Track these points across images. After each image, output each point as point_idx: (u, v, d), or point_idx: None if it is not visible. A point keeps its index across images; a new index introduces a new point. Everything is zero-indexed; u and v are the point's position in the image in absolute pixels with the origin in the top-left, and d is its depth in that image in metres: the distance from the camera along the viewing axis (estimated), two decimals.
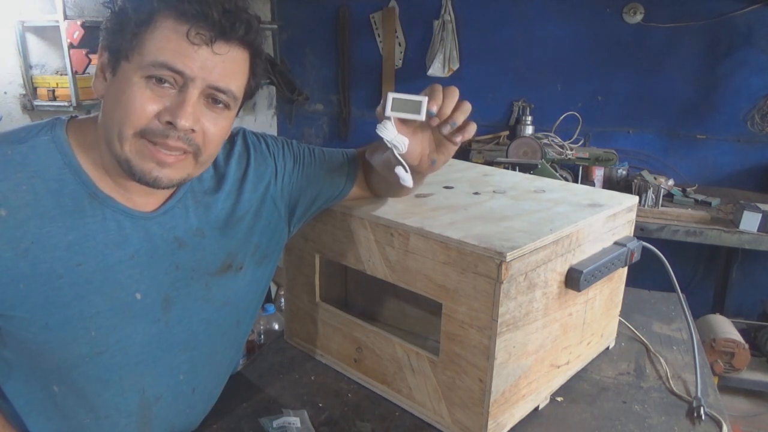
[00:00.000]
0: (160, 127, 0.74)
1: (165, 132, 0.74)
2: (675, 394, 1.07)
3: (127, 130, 0.73)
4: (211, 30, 0.72)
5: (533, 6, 3.26)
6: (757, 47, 2.91)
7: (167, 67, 0.72)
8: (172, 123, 0.73)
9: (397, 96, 0.78)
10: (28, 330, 0.76)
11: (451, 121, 0.79)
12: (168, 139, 0.74)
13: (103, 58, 0.77)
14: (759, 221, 2.37)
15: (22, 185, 0.74)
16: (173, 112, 0.73)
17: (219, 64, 0.74)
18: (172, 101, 0.74)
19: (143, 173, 0.75)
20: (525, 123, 3.30)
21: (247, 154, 0.95)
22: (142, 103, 0.73)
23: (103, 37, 0.76)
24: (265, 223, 0.95)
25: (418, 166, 0.85)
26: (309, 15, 3.76)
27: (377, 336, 1.04)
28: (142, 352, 0.84)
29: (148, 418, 0.88)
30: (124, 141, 0.74)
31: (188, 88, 0.73)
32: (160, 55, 0.72)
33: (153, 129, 0.74)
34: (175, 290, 0.85)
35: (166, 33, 0.72)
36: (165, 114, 0.73)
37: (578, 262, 0.98)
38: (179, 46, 0.72)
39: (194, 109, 0.74)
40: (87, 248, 0.77)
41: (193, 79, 0.73)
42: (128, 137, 0.74)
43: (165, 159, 0.75)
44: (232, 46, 0.75)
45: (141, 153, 0.75)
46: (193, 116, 0.74)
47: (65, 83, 2.41)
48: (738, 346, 2.40)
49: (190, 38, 0.72)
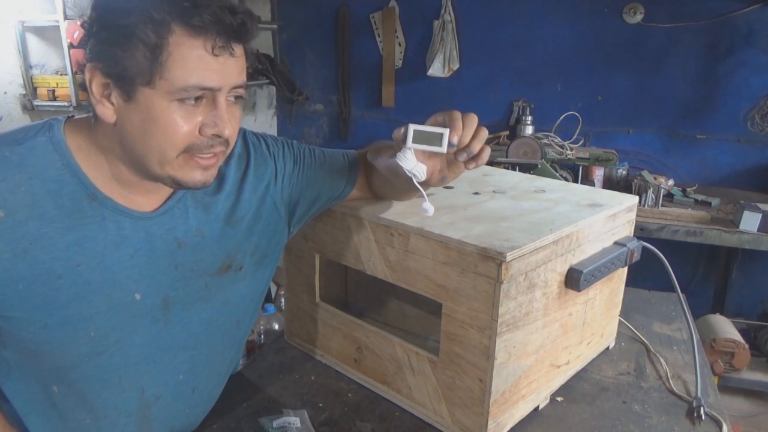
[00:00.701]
0: (205, 141, 0.75)
1: (210, 143, 0.76)
2: (675, 394, 1.07)
3: (171, 153, 0.74)
4: (227, 36, 0.72)
5: (533, 6, 3.25)
6: (757, 47, 2.91)
7: (200, 87, 0.72)
8: (219, 135, 0.75)
9: (418, 128, 0.78)
10: (27, 330, 0.76)
11: (468, 150, 0.79)
12: (213, 148, 0.77)
13: (98, 81, 0.72)
14: (759, 221, 2.36)
15: (20, 186, 0.74)
16: (216, 125, 0.75)
17: (235, 65, 0.75)
18: (205, 113, 0.74)
19: (192, 182, 0.78)
20: (525, 123, 3.30)
21: (247, 155, 0.95)
22: (181, 127, 0.73)
23: (93, 61, 0.72)
24: (265, 224, 0.95)
25: (429, 181, 0.85)
26: (309, 15, 3.76)
27: (377, 336, 1.04)
28: (142, 352, 0.84)
29: (147, 418, 0.88)
30: (167, 163, 0.75)
31: (218, 97, 0.74)
32: (190, 79, 0.71)
33: (198, 144, 0.75)
34: (175, 290, 0.85)
35: (188, 51, 0.70)
36: (207, 128, 0.75)
37: (578, 262, 0.98)
38: (206, 63, 0.71)
39: (228, 115, 0.76)
40: (86, 249, 0.77)
41: (221, 88, 0.74)
42: (171, 159, 0.75)
43: (208, 162, 0.78)
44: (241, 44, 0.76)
45: (186, 167, 0.76)
46: (230, 122, 0.76)
47: (65, 83, 2.41)
48: (738, 346, 2.40)
49: (215, 52, 0.71)
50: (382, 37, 3.59)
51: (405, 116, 3.65)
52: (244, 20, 0.73)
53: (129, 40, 0.69)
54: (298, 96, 3.64)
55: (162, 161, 0.75)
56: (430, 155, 0.82)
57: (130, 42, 0.69)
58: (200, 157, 0.76)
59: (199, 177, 0.78)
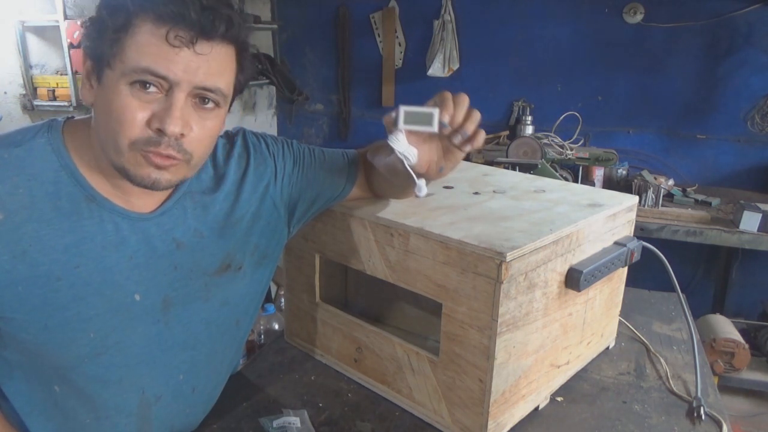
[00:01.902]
0: (152, 136, 0.73)
1: (157, 140, 0.73)
2: (675, 394, 1.07)
3: (122, 142, 0.73)
4: (190, 30, 0.70)
5: (533, 6, 3.25)
6: (757, 47, 2.91)
7: (150, 72, 0.70)
8: (162, 130, 0.72)
9: (409, 109, 0.77)
10: (27, 332, 0.76)
11: (462, 131, 0.79)
12: (160, 147, 0.73)
13: (87, 65, 0.76)
14: (759, 221, 2.36)
15: (18, 188, 0.74)
16: (162, 119, 0.72)
17: (203, 64, 0.73)
18: (159, 106, 0.72)
19: (142, 178, 0.75)
20: (525, 123, 3.30)
21: (246, 155, 0.95)
22: (132, 113, 0.72)
23: (84, 45, 0.75)
24: (265, 224, 0.95)
25: (426, 173, 0.85)
26: (309, 15, 3.76)
27: (377, 336, 1.04)
28: (142, 353, 0.84)
29: (148, 418, 0.89)
30: (120, 153, 0.74)
31: (174, 92, 0.72)
32: (141, 61, 0.70)
33: (145, 138, 0.73)
34: (174, 291, 0.85)
35: (146, 37, 0.70)
36: (154, 121, 0.72)
37: (578, 262, 0.98)
38: (160, 50, 0.70)
39: (182, 113, 0.73)
40: (85, 250, 0.77)
41: (178, 82, 0.71)
42: (124, 149, 0.73)
43: (161, 162, 0.75)
44: (215, 44, 0.73)
45: (137, 162, 0.74)
46: (182, 120, 0.73)
47: (65, 83, 2.41)
48: (738, 346, 2.40)
49: (170, 41, 0.70)
50: (382, 37, 3.59)
51: None
52: (215, 20, 0.71)
53: (103, 23, 0.72)
54: (298, 96, 3.64)
55: (116, 150, 0.74)
56: (425, 140, 0.82)
57: (104, 25, 0.72)
58: (151, 153, 0.73)
59: (149, 174, 0.75)
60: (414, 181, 0.83)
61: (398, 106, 0.78)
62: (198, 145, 0.77)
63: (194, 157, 0.78)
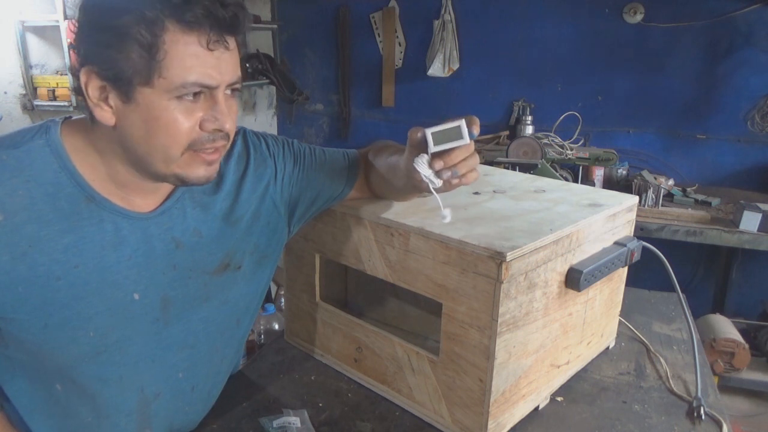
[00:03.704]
0: (207, 136, 0.75)
1: (212, 138, 0.76)
2: (675, 394, 1.07)
3: (175, 151, 0.74)
4: (220, 30, 0.71)
5: (533, 6, 3.25)
6: (757, 47, 2.91)
7: (199, 84, 0.72)
8: (220, 129, 0.75)
9: (435, 130, 0.75)
10: (27, 331, 0.77)
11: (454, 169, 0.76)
12: (215, 143, 0.77)
13: (94, 84, 0.71)
14: (759, 221, 2.36)
15: (18, 190, 0.74)
16: (217, 120, 0.75)
17: (231, 59, 0.75)
18: (205, 108, 0.74)
19: (198, 178, 0.78)
20: (525, 123, 3.30)
21: (246, 155, 0.95)
22: (183, 124, 0.73)
23: (87, 64, 0.71)
24: (265, 223, 0.95)
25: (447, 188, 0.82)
26: (309, 15, 3.76)
27: (377, 336, 1.04)
28: (142, 352, 0.84)
29: (147, 416, 0.89)
30: (172, 161, 0.75)
31: (217, 93, 0.74)
32: (188, 76, 0.70)
33: (201, 140, 0.75)
34: (174, 290, 0.85)
35: (184, 48, 0.69)
36: (208, 123, 0.75)
37: (578, 262, 0.98)
38: (202, 60, 0.71)
39: (227, 109, 0.76)
40: (84, 250, 0.77)
41: (219, 84, 0.74)
42: (176, 157, 0.75)
43: (211, 157, 0.78)
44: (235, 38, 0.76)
45: (191, 164, 0.77)
46: (229, 115, 0.76)
47: (65, 83, 2.41)
48: (738, 345, 2.40)
49: (210, 47, 0.71)
50: (382, 37, 3.59)
51: (405, 116, 3.65)
52: (236, 12, 0.72)
53: (123, 40, 0.68)
54: (298, 96, 3.64)
55: (167, 160, 0.75)
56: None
57: (125, 43, 0.68)
58: (204, 153, 0.77)
59: (203, 173, 0.78)
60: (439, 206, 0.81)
61: (425, 130, 0.76)
62: (233, 128, 0.79)
63: (230, 139, 0.81)
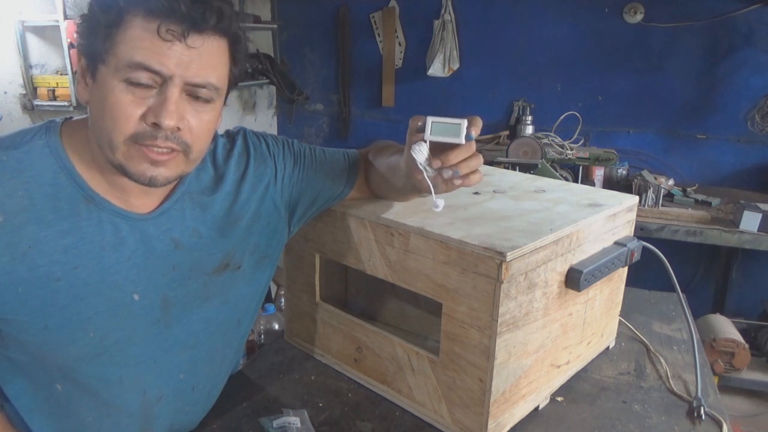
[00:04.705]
0: (147, 129, 0.73)
1: (153, 133, 0.73)
2: (675, 394, 1.07)
3: (117, 138, 0.73)
4: (181, 24, 0.70)
5: (533, 6, 3.25)
6: (757, 47, 2.91)
7: (143, 67, 0.71)
8: (158, 123, 0.72)
9: (437, 120, 0.76)
10: (27, 332, 0.77)
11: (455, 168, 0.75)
12: (157, 140, 0.74)
13: (81, 63, 0.76)
14: (759, 221, 2.36)
15: (18, 191, 0.74)
16: (157, 113, 0.72)
17: (195, 58, 0.73)
18: (154, 101, 0.73)
19: (138, 174, 0.75)
20: (525, 123, 3.30)
21: (247, 155, 0.95)
22: (126, 109, 0.72)
23: (78, 43, 0.76)
24: (265, 224, 0.95)
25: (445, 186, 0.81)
26: (309, 15, 3.76)
27: (377, 336, 1.04)
28: (143, 353, 0.84)
29: (150, 418, 0.89)
30: (116, 149, 0.74)
31: (168, 86, 0.72)
32: (134, 56, 0.70)
33: (141, 132, 0.73)
34: (173, 290, 0.85)
35: (137, 32, 0.70)
36: (149, 115, 0.72)
37: (578, 262, 0.98)
38: (152, 44, 0.70)
39: (177, 107, 0.73)
40: (83, 251, 0.77)
41: (171, 77, 0.72)
42: (119, 145, 0.74)
43: (157, 158, 0.75)
44: (207, 37, 0.73)
45: (133, 157, 0.74)
46: (177, 114, 0.73)
47: (65, 83, 2.41)
48: (738, 345, 2.40)
49: (161, 35, 0.70)
50: (382, 37, 3.59)
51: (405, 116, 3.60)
52: (205, 12, 0.71)
53: (95, 20, 0.72)
54: (298, 96, 3.65)
55: (111, 146, 0.74)
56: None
57: (95, 22, 0.72)
58: (147, 148, 0.74)
59: (145, 170, 0.75)
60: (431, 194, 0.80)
61: (426, 118, 0.77)
62: (196, 138, 0.77)
63: (193, 150, 0.78)
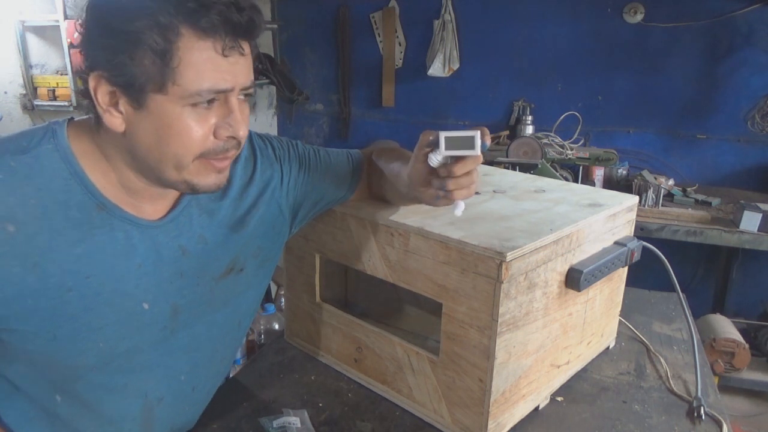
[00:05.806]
0: (220, 144, 0.74)
1: (226, 146, 0.75)
2: (675, 394, 1.07)
3: (187, 159, 0.73)
4: (236, 35, 0.70)
5: (533, 6, 3.25)
6: (757, 47, 2.91)
7: (214, 91, 0.70)
8: (234, 137, 0.74)
9: (449, 134, 0.76)
10: (34, 343, 0.74)
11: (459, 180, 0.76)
12: (228, 152, 0.76)
13: (104, 89, 0.70)
14: (759, 221, 2.36)
15: (30, 199, 0.71)
16: (231, 127, 0.73)
17: (245, 64, 0.73)
18: (219, 114, 0.73)
19: (207, 186, 0.77)
20: (525, 123, 3.30)
21: (253, 159, 0.94)
22: (197, 132, 0.71)
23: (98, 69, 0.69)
24: (269, 227, 0.95)
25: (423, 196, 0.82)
26: (309, 15, 3.75)
27: (377, 336, 1.04)
28: (148, 359, 0.84)
29: (150, 420, 0.88)
30: (184, 168, 0.74)
31: (230, 98, 0.73)
32: (203, 83, 0.69)
33: (213, 148, 0.74)
34: (183, 298, 0.84)
35: (199, 55, 0.68)
36: (222, 131, 0.73)
37: (578, 262, 0.98)
38: (215, 64, 0.69)
39: (240, 115, 0.75)
40: (96, 260, 0.75)
41: (233, 89, 0.72)
42: (188, 164, 0.73)
43: (222, 165, 0.77)
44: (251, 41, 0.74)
45: (202, 171, 0.75)
46: (243, 122, 0.75)
47: (65, 83, 2.41)
48: (738, 345, 2.40)
49: (225, 53, 0.69)
50: (383, 37, 3.59)
51: (405, 116, 3.65)
52: (252, 16, 0.70)
53: (136, 46, 0.66)
54: (298, 96, 3.64)
55: (178, 167, 0.73)
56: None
57: (138, 48, 0.66)
58: (215, 161, 0.75)
59: (213, 180, 0.77)
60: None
61: (439, 133, 0.76)
62: (246, 136, 0.78)
63: (242, 147, 0.79)
